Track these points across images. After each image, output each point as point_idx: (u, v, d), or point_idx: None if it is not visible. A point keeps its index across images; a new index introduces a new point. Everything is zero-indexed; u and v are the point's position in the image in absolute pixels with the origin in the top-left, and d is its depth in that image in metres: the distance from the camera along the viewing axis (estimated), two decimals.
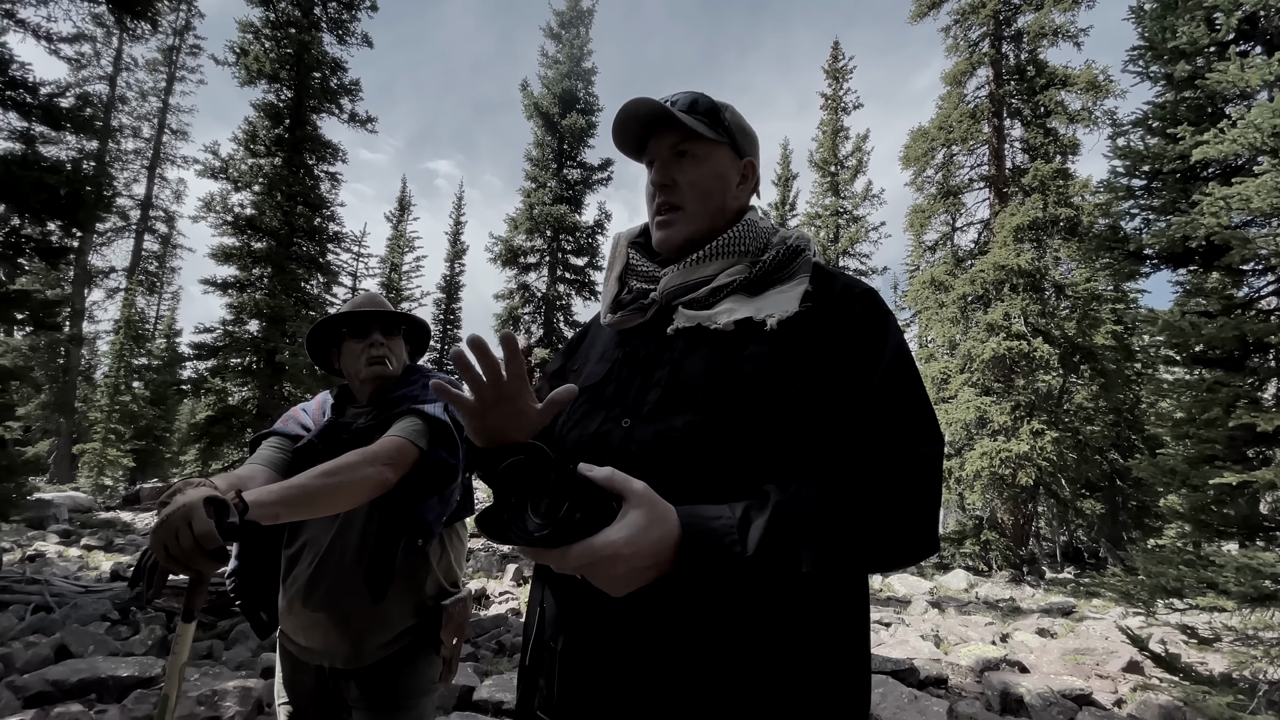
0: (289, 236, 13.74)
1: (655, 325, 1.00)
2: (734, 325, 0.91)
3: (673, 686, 0.80)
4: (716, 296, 0.97)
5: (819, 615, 0.83)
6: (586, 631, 0.86)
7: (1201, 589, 3.33)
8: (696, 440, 0.84)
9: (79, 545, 9.56)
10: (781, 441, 0.83)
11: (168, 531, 1.10)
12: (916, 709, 4.36)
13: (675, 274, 1.01)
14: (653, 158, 1.05)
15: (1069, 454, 12.73)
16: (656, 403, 0.90)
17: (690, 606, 0.80)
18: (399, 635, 1.69)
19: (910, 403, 0.85)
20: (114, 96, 24.27)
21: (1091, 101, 13.29)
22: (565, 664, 0.87)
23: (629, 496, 0.69)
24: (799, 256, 1.00)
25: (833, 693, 0.83)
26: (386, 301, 1.92)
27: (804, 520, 0.73)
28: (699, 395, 0.87)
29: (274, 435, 1.78)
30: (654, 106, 1.00)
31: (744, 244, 1.00)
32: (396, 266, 27.25)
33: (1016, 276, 13.11)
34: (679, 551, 0.70)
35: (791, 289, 0.94)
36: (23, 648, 4.16)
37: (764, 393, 0.84)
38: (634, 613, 0.81)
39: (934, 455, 0.82)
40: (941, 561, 13.60)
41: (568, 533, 0.66)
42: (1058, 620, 8.11)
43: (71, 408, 20.86)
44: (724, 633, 0.79)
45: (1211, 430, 3.71)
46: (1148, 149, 4.07)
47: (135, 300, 21.55)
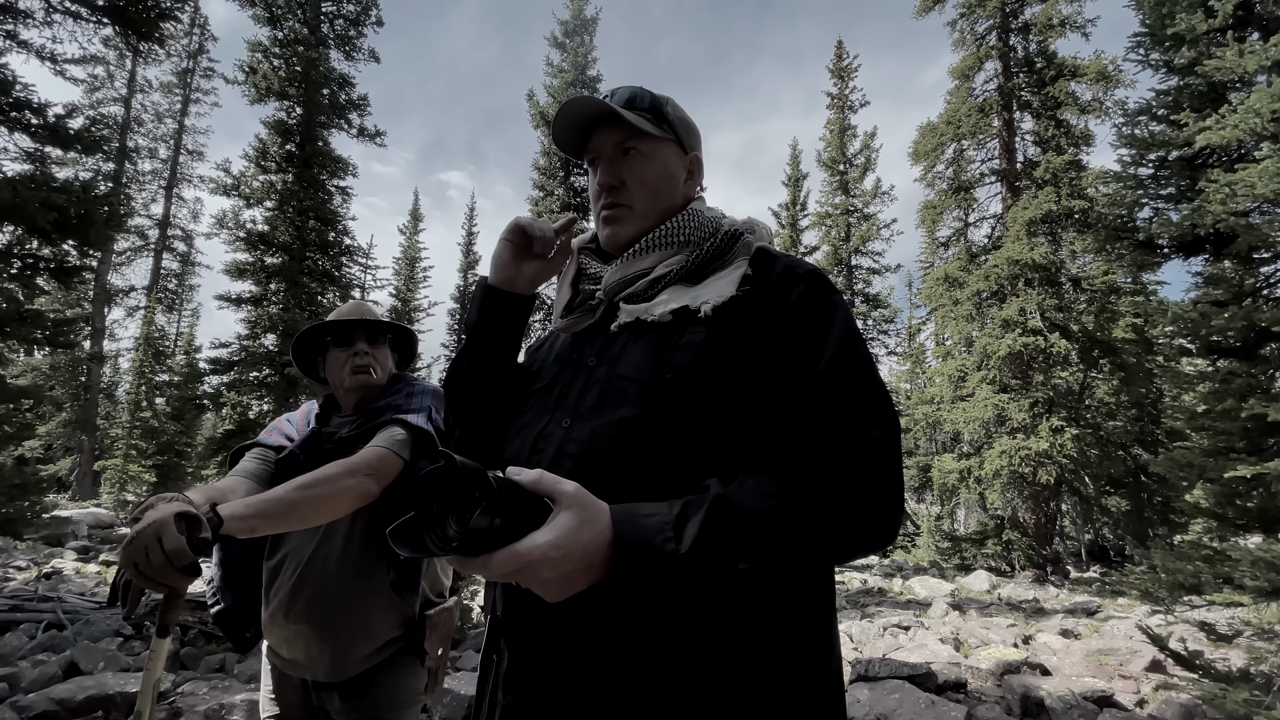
0: (302, 251, 13.93)
1: (603, 324, 0.98)
2: (670, 315, 0.89)
3: (617, 697, 0.77)
4: (655, 288, 0.95)
5: (774, 615, 0.79)
6: (530, 639, 0.83)
7: (1218, 585, 3.22)
8: (632, 434, 0.82)
9: (97, 562, 9.72)
10: (722, 430, 0.80)
11: (137, 549, 1.08)
12: (934, 714, 4.27)
13: (615, 269, 1.00)
14: (595, 155, 1.03)
15: (1091, 450, 12.46)
16: (595, 401, 0.88)
17: (633, 612, 0.76)
18: (383, 646, 1.67)
19: (858, 385, 0.81)
20: (129, 118, 24.82)
21: (1102, 92, 13.08)
22: (511, 673, 0.84)
23: (559, 499, 0.67)
24: (738, 240, 0.98)
25: (793, 699, 0.79)
26: (373, 309, 1.91)
27: (744, 515, 0.70)
28: (633, 388, 0.85)
29: (256, 447, 1.78)
30: (597, 106, 0.98)
31: (683, 234, 0.98)
32: (409, 277, 27.52)
33: (1031, 271, 12.90)
34: (612, 553, 0.68)
35: (729, 274, 0.92)
36: (30, 666, 4.20)
37: (699, 381, 0.82)
38: (576, 619, 0.78)
39: (885, 438, 0.78)
40: (963, 563, 13.37)
41: (487, 540, 0.63)
42: (1082, 620, 7.92)
43: (93, 425, 21.27)
44: (670, 639, 0.76)
45: (1227, 422, 3.61)
46: (1153, 136, 3.98)
47: (155, 318, 21.98)
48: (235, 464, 1.76)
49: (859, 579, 11.93)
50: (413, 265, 28.17)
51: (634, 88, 1.02)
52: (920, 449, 20.57)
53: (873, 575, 12.61)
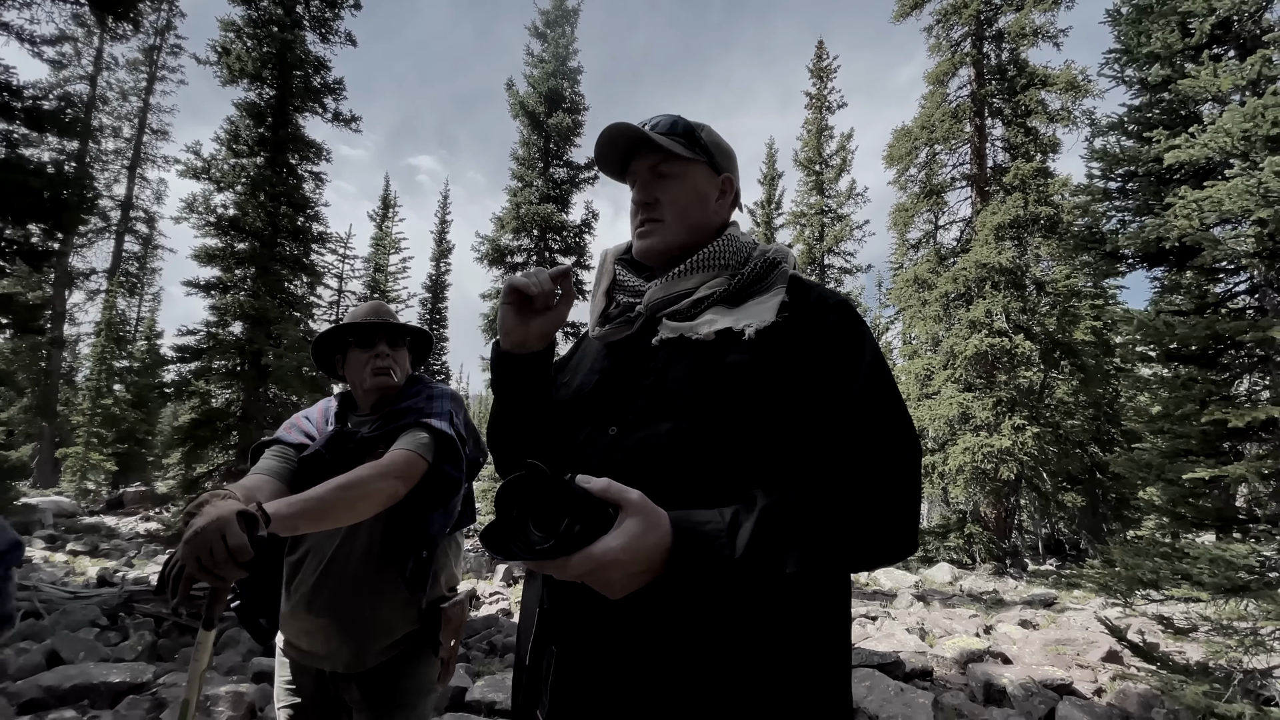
0: (273, 237, 13.59)
1: (641, 337, 1.04)
2: (714, 335, 0.96)
3: (666, 688, 0.83)
4: (698, 308, 1.02)
5: (804, 614, 0.87)
6: (584, 634, 0.89)
7: (1177, 580, 3.43)
8: (679, 445, 0.88)
9: (65, 551, 9.44)
10: (761, 445, 0.87)
11: (202, 544, 1.15)
12: (902, 701, 4.45)
13: (659, 287, 1.06)
14: (635, 178, 1.11)
15: (1050, 448, 12.95)
16: (641, 410, 0.94)
17: (684, 609, 0.83)
18: (400, 639, 1.72)
19: (888, 411, 0.90)
20: (94, 96, 23.83)
21: (1071, 101, 13.51)
22: (563, 666, 0.91)
23: (625, 505, 0.73)
24: (776, 269, 1.06)
25: (815, 689, 0.87)
26: (391, 312, 1.96)
27: (790, 524, 0.78)
28: (681, 402, 0.91)
29: (276, 444, 1.80)
30: (633, 131, 1.05)
31: (724, 258, 1.05)
32: (382, 268, 27.03)
33: (998, 274, 13.31)
34: (671, 555, 0.75)
35: (769, 300, 0.99)
36: (14, 655, 4.12)
37: (743, 399, 0.89)
38: (630, 616, 0.84)
39: (911, 460, 0.87)
40: (926, 555, 13.78)
41: (568, 544, 0.70)
42: (1040, 612, 8.27)
43: (54, 411, 20.50)
44: (715, 635, 0.83)
45: (1185, 425, 3.83)
46: (1123, 152, 4.18)
47: (116, 302, 21.22)
48: (255, 460, 1.78)
49: None
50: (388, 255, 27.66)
51: (673, 116, 1.11)
52: None
53: None
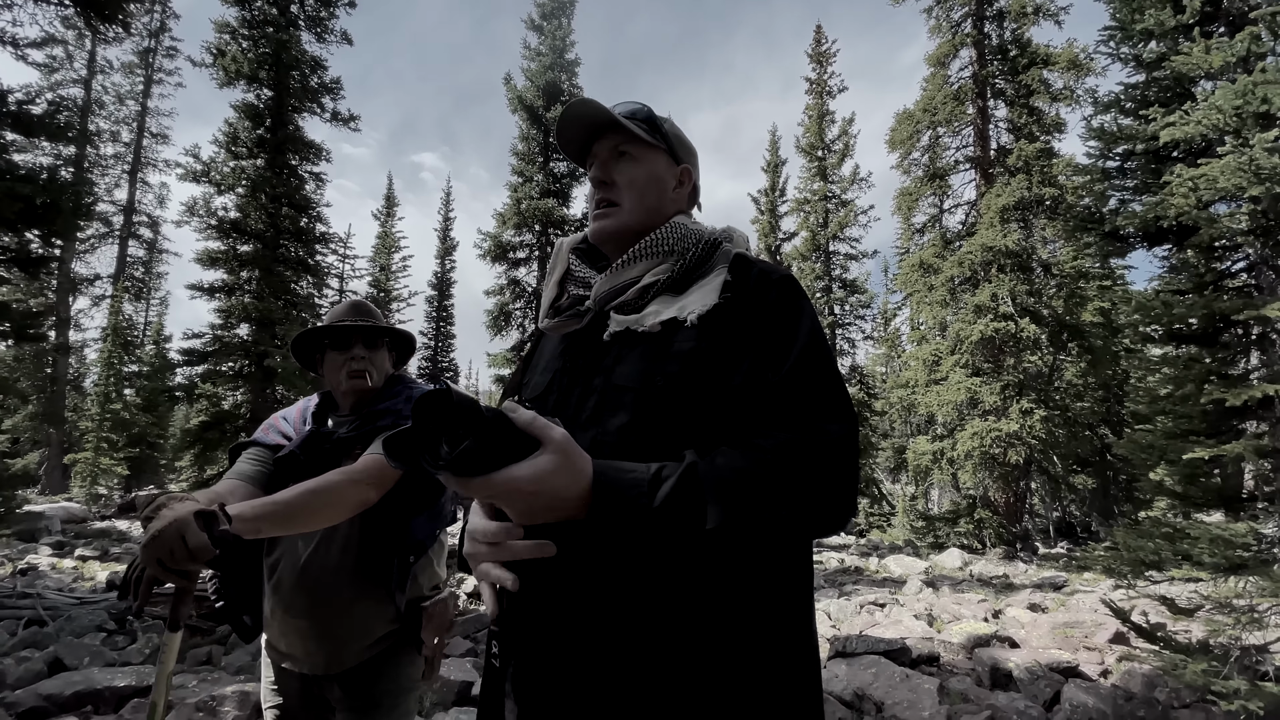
0: (275, 239, 13.65)
1: (592, 332, 1.03)
2: (660, 326, 0.95)
3: (619, 675, 0.83)
4: (644, 297, 1.01)
5: (756, 591, 0.86)
6: (536, 621, 0.89)
7: (1178, 561, 3.40)
8: (629, 440, 0.88)
9: (73, 556, 9.54)
10: (711, 431, 0.86)
11: (161, 546, 1.17)
12: (908, 687, 4.44)
13: (605, 279, 1.05)
14: (594, 159, 1.11)
15: (1058, 431, 12.87)
16: (593, 409, 0.94)
17: (634, 596, 0.83)
18: (380, 639, 1.72)
19: (821, 385, 0.89)
20: (89, 100, 23.91)
21: (1073, 80, 13.33)
22: (519, 657, 0.91)
23: (546, 442, 0.74)
24: (718, 249, 1.04)
25: (776, 670, 0.86)
26: (372, 308, 1.92)
27: (713, 482, 0.77)
28: (629, 397, 0.91)
29: (254, 446, 1.80)
30: (596, 109, 1.05)
31: (667, 244, 1.04)
32: (385, 267, 27.09)
33: (1004, 257, 13.19)
34: (591, 498, 0.75)
35: (711, 281, 0.98)
36: (14, 663, 4.15)
37: (689, 387, 0.88)
38: (582, 604, 0.84)
39: (843, 434, 0.85)
40: (937, 541, 13.76)
41: (469, 464, 0.71)
42: (1049, 595, 8.24)
43: (61, 418, 20.72)
44: (658, 604, 0.83)
45: (1187, 405, 3.78)
46: (1121, 130, 4.11)
47: (122, 307, 21.39)
48: (233, 461, 1.78)
49: (836, 559, 12.22)
50: (390, 254, 27.72)
51: (635, 103, 1.10)
52: (896, 431, 21.02)
53: (849, 555, 12.92)
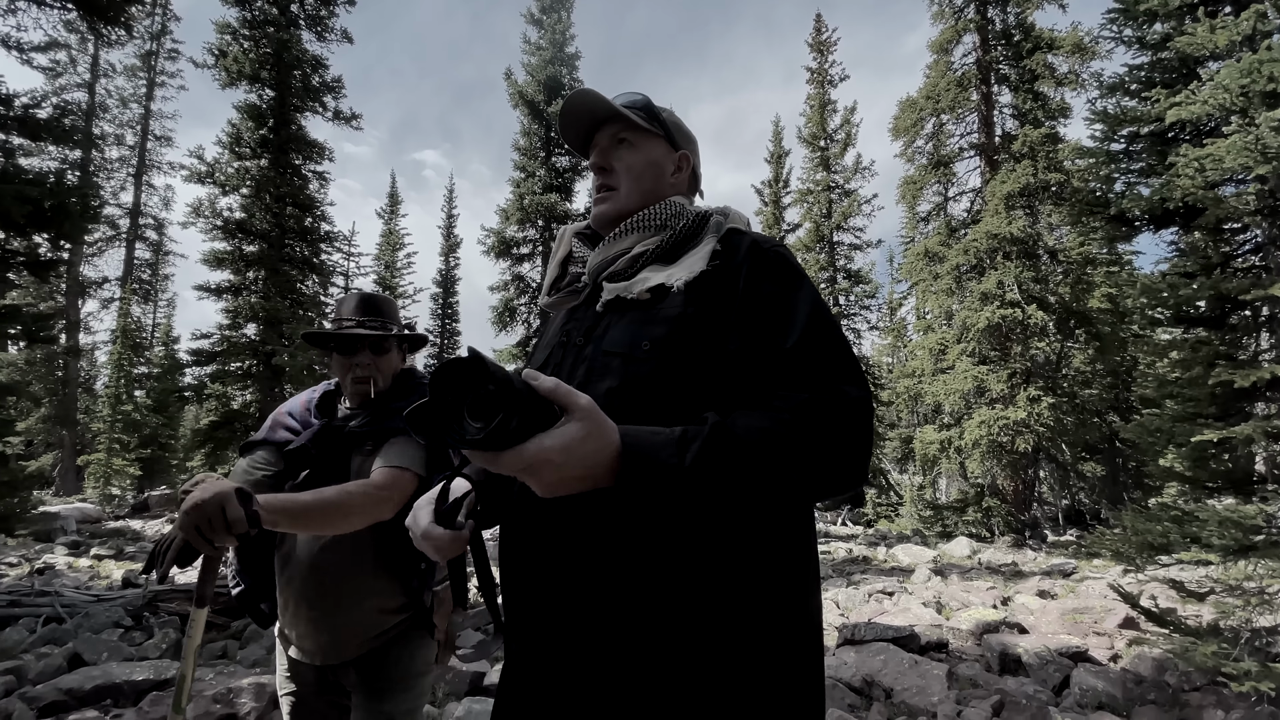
0: (280, 238, 13.70)
1: (589, 305, 1.06)
2: (648, 293, 0.97)
3: (622, 644, 0.84)
4: (635, 266, 1.03)
5: (762, 565, 0.87)
6: (530, 565, 0.92)
7: (1186, 544, 3.40)
8: (615, 405, 0.88)
9: (89, 556, 9.67)
10: (697, 394, 0.88)
11: (202, 514, 1.27)
12: (917, 673, 4.46)
13: (598, 251, 1.08)
14: (595, 148, 1.14)
15: (1067, 418, 12.81)
16: (584, 376, 0.96)
17: (629, 544, 0.84)
18: (391, 627, 1.74)
19: (834, 351, 0.90)
20: (94, 104, 24.03)
21: (1079, 64, 13.19)
22: (509, 592, 0.95)
23: (572, 409, 0.72)
24: (708, 221, 1.06)
25: (778, 645, 0.87)
26: (382, 302, 1.87)
27: (739, 441, 0.77)
28: (615, 362, 0.93)
29: (262, 447, 1.79)
30: (596, 100, 1.08)
31: (659, 218, 1.07)
32: (390, 264, 27.17)
33: (1009, 244, 13.10)
34: (620, 463, 0.74)
35: (700, 250, 1.00)
36: (34, 660, 4.22)
37: (674, 350, 0.90)
38: (584, 567, 0.86)
39: (859, 396, 0.86)
40: (945, 530, 13.74)
41: (502, 438, 0.68)
42: (1058, 581, 8.23)
43: (73, 420, 20.93)
44: (663, 574, 0.84)
45: (1196, 388, 3.76)
46: (1125, 112, 4.07)
47: (130, 309, 21.54)
48: (244, 455, 1.80)
49: (844, 548, 12.22)
50: (395, 252, 27.80)
51: (634, 94, 1.15)
52: (902, 421, 20.96)
53: (857, 545, 12.92)
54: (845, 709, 3.98)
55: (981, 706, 3.92)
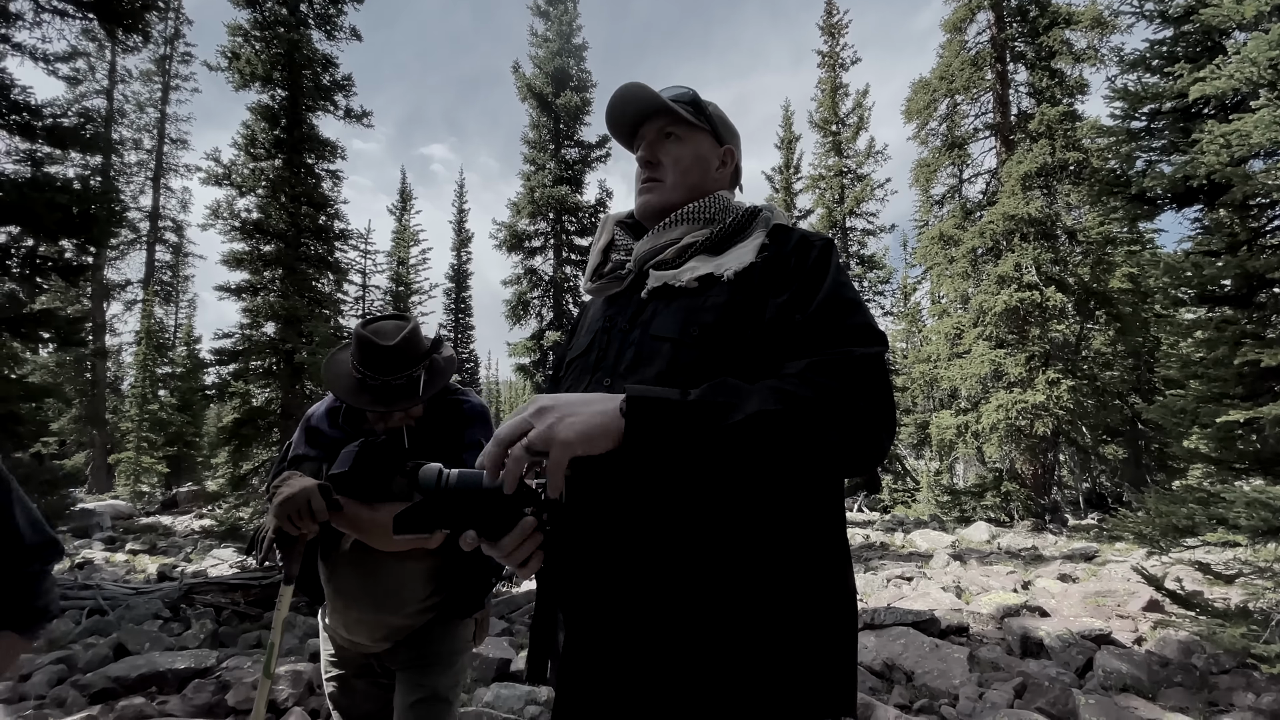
0: (296, 238, 13.84)
1: (633, 292, 1.09)
2: (697, 282, 1.00)
3: (668, 649, 0.87)
4: (683, 256, 1.06)
5: (799, 549, 0.89)
6: (585, 594, 0.94)
7: (1213, 526, 3.37)
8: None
9: (124, 551, 9.96)
10: (747, 378, 0.89)
11: (292, 504, 1.53)
12: (938, 657, 4.48)
13: (646, 239, 1.11)
14: (642, 140, 1.15)
15: (1087, 401, 12.65)
16: (631, 360, 0.99)
17: (683, 568, 0.86)
18: (429, 608, 1.81)
19: (846, 318, 0.92)
20: (112, 110, 24.37)
21: (1098, 39, 12.90)
22: (570, 627, 0.97)
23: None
24: (757, 216, 1.09)
25: (815, 645, 0.89)
26: (403, 352, 1.65)
27: (742, 387, 0.81)
28: (665, 347, 0.96)
29: (306, 461, 1.78)
30: (645, 93, 1.09)
31: (708, 212, 1.09)
32: (404, 261, 27.36)
33: (1026, 226, 12.91)
34: (627, 405, 0.77)
35: (749, 243, 1.03)
36: (82, 649, 4.40)
37: (722, 337, 0.93)
38: (630, 575, 0.88)
39: (868, 353, 0.87)
40: (963, 515, 13.67)
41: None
42: (1080, 565, 8.18)
43: (103, 419, 21.42)
44: (711, 595, 0.86)
45: (1221, 369, 3.72)
46: (1146, 89, 4.00)
47: (153, 311, 21.94)
48: (295, 468, 1.78)
49: (861, 534, 12.22)
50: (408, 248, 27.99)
51: (682, 87, 1.15)
52: (918, 406, 20.82)
53: (875, 531, 12.91)
54: (866, 692, 4.02)
55: (1004, 689, 3.94)
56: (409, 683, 1.75)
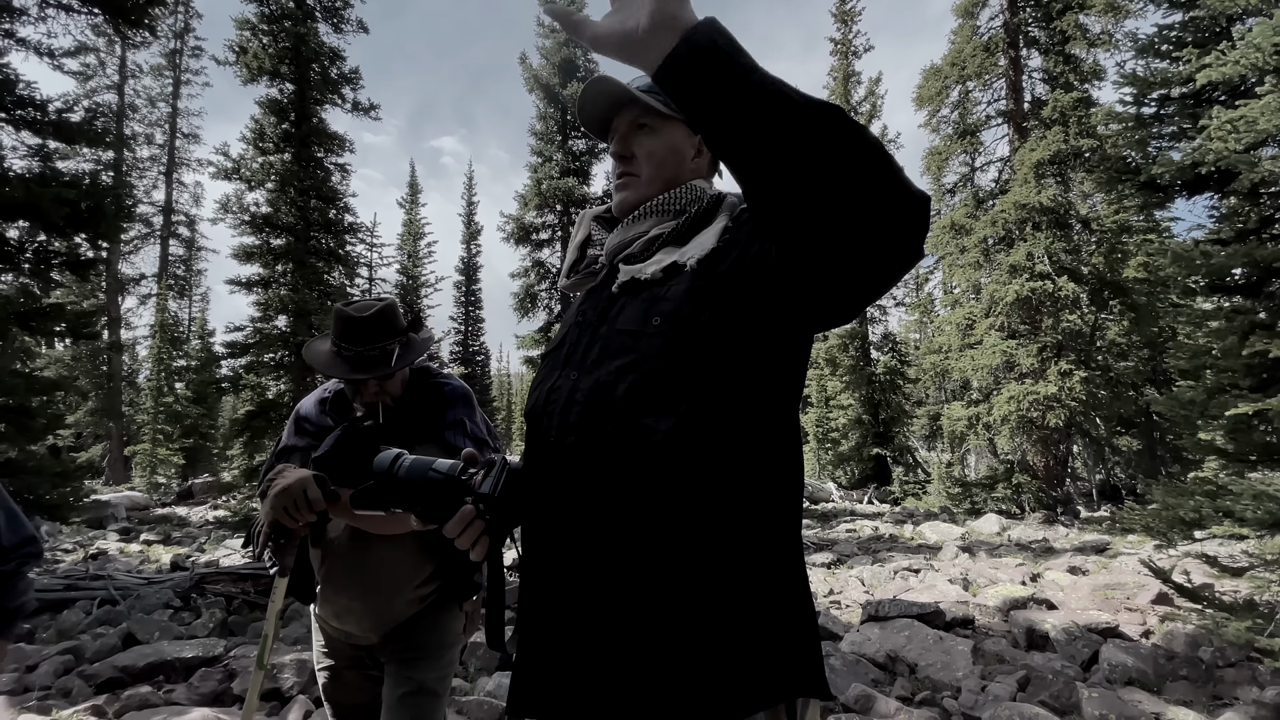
0: (306, 231, 13.93)
1: (605, 287, 1.09)
2: (661, 272, 0.99)
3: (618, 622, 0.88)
4: (650, 249, 1.05)
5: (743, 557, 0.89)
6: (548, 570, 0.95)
7: (1219, 518, 3.32)
8: (626, 380, 0.92)
9: (139, 541, 10.14)
10: (710, 367, 0.89)
11: (289, 495, 1.53)
12: (941, 649, 4.47)
13: (615, 234, 1.10)
14: (615, 133, 1.14)
15: (1101, 392, 12.49)
16: (597, 354, 0.99)
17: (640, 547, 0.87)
18: (420, 598, 1.82)
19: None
20: (123, 105, 24.59)
21: (1112, 23, 12.63)
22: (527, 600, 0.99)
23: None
24: (723, 202, 1.08)
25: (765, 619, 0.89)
26: (376, 323, 1.73)
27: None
28: (628, 339, 0.96)
29: (294, 453, 1.84)
30: (613, 87, 1.08)
31: (677, 203, 1.08)
32: (412, 254, 27.48)
33: (1039, 214, 12.72)
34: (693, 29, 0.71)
35: (712, 229, 1.02)
36: (91, 639, 4.48)
37: (682, 322, 0.92)
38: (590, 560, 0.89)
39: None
40: (973, 507, 13.58)
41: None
42: (1090, 558, 8.11)
43: (119, 412, 21.77)
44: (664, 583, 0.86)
45: (1231, 359, 3.65)
46: (1154, 75, 3.91)
47: (167, 304, 22.22)
48: (281, 461, 1.83)
49: (870, 526, 12.19)
50: (416, 241, 28.09)
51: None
52: (929, 398, 20.66)
53: (883, 522, 12.87)
54: (869, 683, 4.01)
55: (1007, 681, 3.92)
56: (396, 675, 1.76)
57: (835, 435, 21.00)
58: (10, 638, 1.31)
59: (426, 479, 0.93)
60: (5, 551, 1.25)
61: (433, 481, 0.93)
